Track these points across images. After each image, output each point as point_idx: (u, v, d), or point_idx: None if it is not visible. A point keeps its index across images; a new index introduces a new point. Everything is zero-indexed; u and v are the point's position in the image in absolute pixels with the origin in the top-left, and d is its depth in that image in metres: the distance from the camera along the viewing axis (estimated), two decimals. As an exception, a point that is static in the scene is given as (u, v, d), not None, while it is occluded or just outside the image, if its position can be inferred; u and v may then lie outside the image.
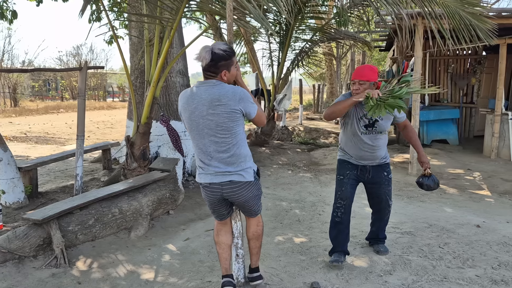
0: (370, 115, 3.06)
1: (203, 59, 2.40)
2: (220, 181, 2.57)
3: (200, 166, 2.63)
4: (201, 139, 2.52)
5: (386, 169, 3.40)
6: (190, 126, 2.53)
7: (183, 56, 6.24)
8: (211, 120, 2.44)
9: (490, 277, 3.11)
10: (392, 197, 3.50)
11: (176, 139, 5.55)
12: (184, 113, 2.53)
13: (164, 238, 4.03)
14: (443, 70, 9.88)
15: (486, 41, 4.05)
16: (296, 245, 3.80)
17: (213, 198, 2.67)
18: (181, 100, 2.57)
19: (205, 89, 2.45)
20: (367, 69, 3.15)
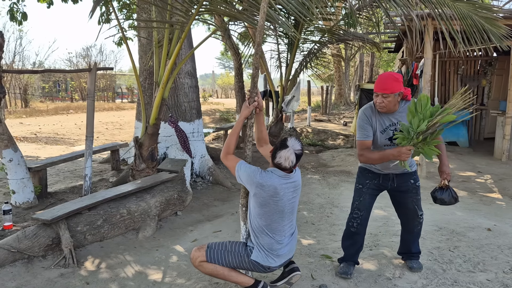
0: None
1: (290, 162, 2.59)
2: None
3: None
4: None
5: (412, 177, 3.12)
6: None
7: (192, 58, 6.25)
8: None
9: (501, 282, 3.07)
10: (421, 208, 3.21)
11: (184, 140, 5.57)
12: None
13: (172, 239, 4.03)
14: (453, 72, 9.79)
15: (498, 44, 3.99)
16: (304, 247, 3.78)
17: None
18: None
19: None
20: (390, 79, 2.82)
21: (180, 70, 5.97)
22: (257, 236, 2.66)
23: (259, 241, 2.65)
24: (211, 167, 6.16)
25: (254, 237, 2.69)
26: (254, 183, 2.58)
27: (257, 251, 2.65)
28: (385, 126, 2.97)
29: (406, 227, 3.29)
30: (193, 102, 6.24)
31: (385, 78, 2.85)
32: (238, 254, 2.68)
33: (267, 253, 2.64)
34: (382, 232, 4.15)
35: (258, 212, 2.62)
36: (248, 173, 2.61)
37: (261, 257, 2.63)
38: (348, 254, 3.26)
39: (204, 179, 6.07)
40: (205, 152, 6.40)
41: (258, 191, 2.57)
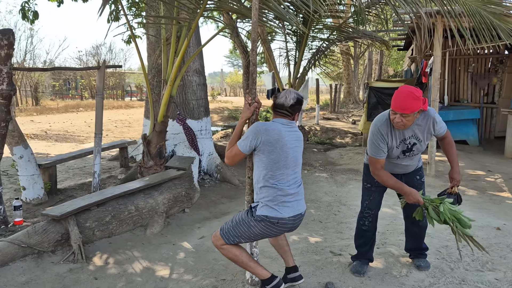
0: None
1: (291, 99, 2.66)
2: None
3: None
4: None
5: (418, 173, 3.17)
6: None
7: (200, 55, 6.27)
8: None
9: (510, 281, 3.04)
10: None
11: (192, 137, 5.58)
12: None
13: (180, 236, 4.06)
14: (463, 70, 9.69)
15: (507, 41, 3.94)
16: (311, 245, 3.78)
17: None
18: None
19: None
20: (410, 98, 2.65)
21: (188, 68, 5.99)
22: (260, 192, 2.62)
23: (262, 195, 2.60)
24: (218, 164, 6.18)
25: (257, 194, 2.66)
26: (260, 132, 2.56)
27: (262, 205, 2.60)
28: (400, 140, 2.92)
29: (413, 221, 3.25)
30: (201, 100, 6.26)
31: (404, 96, 2.68)
32: (245, 221, 2.62)
33: (272, 204, 2.57)
34: (389, 231, 4.13)
35: (264, 163, 2.58)
36: (252, 131, 2.59)
37: (266, 210, 2.57)
38: (362, 252, 3.26)
39: (212, 177, 6.09)
40: (213, 149, 6.42)
41: (264, 137, 2.55)
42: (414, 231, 3.33)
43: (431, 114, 2.88)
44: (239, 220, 2.66)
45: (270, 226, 2.58)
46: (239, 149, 2.62)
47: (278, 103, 2.69)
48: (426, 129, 2.90)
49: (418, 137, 2.90)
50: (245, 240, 2.66)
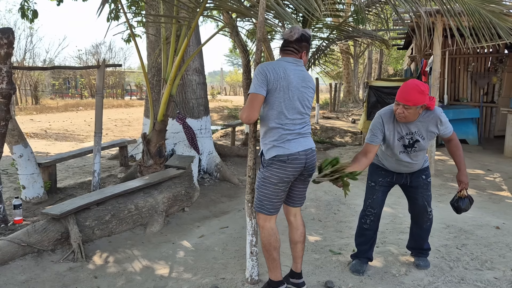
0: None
1: (295, 33, 2.58)
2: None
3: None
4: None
5: (424, 172, 3.13)
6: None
7: (200, 54, 6.27)
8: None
9: (509, 280, 3.05)
10: (431, 205, 3.20)
11: (192, 136, 5.59)
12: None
13: (179, 234, 4.07)
14: (463, 69, 9.70)
15: (507, 39, 3.95)
16: (311, 244, 3.79)
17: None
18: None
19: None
20: (414, 91, 2.70)
21: (188, 67, 5.99)
22: (267, 136, 2.60)
23: (269, 139, 2.58)
24: (218, 163, 6.18)
25: (264, 144, 2.63)
26: (267, 70, 2.51)
27: (268, 148, 2.58)
28: (402, 134, 2.93)
29: (416, 222, 3.28)
30: (201, 99, 6.27)
31: (409, 89, 2.72)
32: (262, 176, 2.62)
33: (277, 143, 2.54)
34: (389, 230, 4.14)
35: (269, 104, 2.54)
36: (258, 71, 2.54)
37: (274, 150, 2.54)
38: (361, 250, 3.26)
39: (212, 176, 6.09)
40: (212, 149, 6.43)
41: (270, 76, 2.49)
42: (415, 232, 3.33)
43: (437, 113, 2.88)
44: (258, 181, 2.67)
45: (283, 165, 2.54)
46: (254, 93, 2.50)
47: (283, 40, 2.64)
48: (429, 127, 2.90)
49: (422, 134, 2.90)
50: (272, 198, 2.63)
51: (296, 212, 2.84)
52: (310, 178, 2.75)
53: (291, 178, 2.61)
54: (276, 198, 2.65)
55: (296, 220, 2.85)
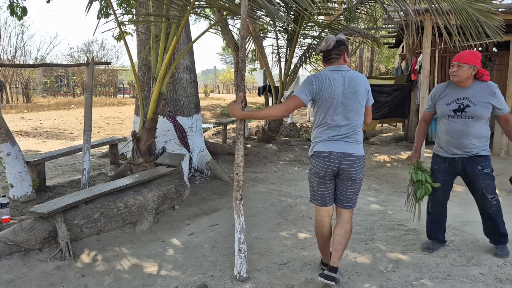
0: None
1: (331, 42, 2.76)
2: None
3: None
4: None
5: (481, 163, 3.22)
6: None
7: (190, 52, 6.26)
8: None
9: (494, 276, 3.08)
10: (493, 192, 3.28)
11: (182, 134, 5.58)
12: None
13: (169, 232, 4.06)
14: (453, 67, 9.75)
15: (494, 38, 3.98)
16: (300, 241, 3.80)
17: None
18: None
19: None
20: (468, 52, 3.11)
21: (179, 65, 5.98)
22: (312, 137, 2.90)
23: (313, 139, 2.88)
24: (209, 161, 6.18)
25: (312, 140, 2.91)
26: (312, 82, 2.75)
27: (312, 146, 2.88)
28: (452, 99, 3.19)
29: (480, 208, 3.42)
30: (192, 97, 6.25)
31: (464, 52, 3.12)
32: (309, 172, 2.95)
33: (317, 140, 2.83)
34: (378, 227, 4.17)
35: (315, 111, 2.84)
36: (305, 82, 2.79)
37: (314, 147, 2.85)
38: (431, 233, 3.57)
39: (203, 174, 6.09)
40: (203, 146, 6.42)
41: (315, 86, 2.74)
42: (484, 218, 3.45)
43: (492, 85, 3.14)
44: (308, 175, 2.98)
45: (316, 161, 2.81)
46: (295, 95, 2.76)
47: (323, 52, 2.83)
48: (483, 96, 3.11)
49: (472, 100, 3.12)
50: (316, 189, 2.91)
51: (342, 211, 2.95)
52: (351, 182, 2.84)
53: (325, 175, 2.82)
54: (319, 190, 2.89)
55: (341, 216, 2.96)
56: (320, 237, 3.01)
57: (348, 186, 2.85)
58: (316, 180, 2.87)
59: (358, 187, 2.89)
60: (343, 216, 2.94)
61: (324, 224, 2.95)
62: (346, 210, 2.93)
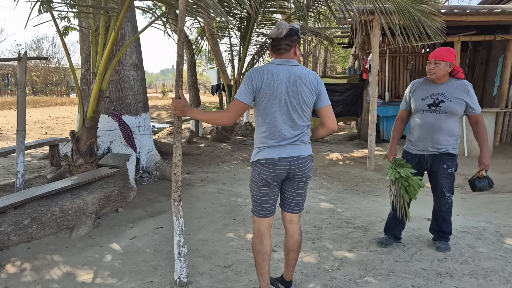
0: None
1: (283, 29, 2.44)
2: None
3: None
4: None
5: (446, 163, 3.26)
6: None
7: (137, 49, 6.01)
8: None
9: (435, 270, 3.11)
10: (451, 191, 3.34)
11: (128, 134, 5.35)
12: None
13: (109, 237, 3.84)
14: (402, 67, 10.04)
15: (435, 38, 4.06)
16: (247, 242, 3.70)
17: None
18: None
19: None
20: (444, 50, 3.15)
21: (125, 61, 5.73)
22: (255, 142, 2.57)
23: (257, 142, 2.55)
24: (158, 162, 5.96)
25: (255, 145, 2.57)
26: (253, 78, 2.43)
27: (255, 153, 2.54)
28: (428, 94, 3.23)
29: (436, 205, 3.48)
30: (139, 95, 6.01)
31: (439, 49, 3.18)
32: (250, 178, 2.61)
33: (262, 146, 2.50)
34: (326, 225, 4.14)
35: (257, 110, 2.50)
36: (245, 79, 2.47)
37: (257, 154, 2.51)
38: (388, 228, 3.59)
39: (151, 174, 5.87)
40: (152, 146, 6.19)
41: (255, 83, 2.42)
42: (437, 214, 3.50)
43: (466, 84, 3.19)
44: (250, 180, 2.65)
45: (262, 169, 2.49)
46: (236, 99, 2.45)
47: (273, 39, 2.49)
48: (457, 93, 3.15)
49: (447, 96, 3.16)
50: (259, 199, 2.58)
51: (292, 218, 2.70)
52: (302, 184, 2.61)
53: (272, 183, 2.53)
54: (262, 199, 2.58)
55: (291, 227, 2.71)
56: (259, 254, 2.60)
57: (297, 187, 2.61)
58: (261, 189, 2.54)
59: (306, 188, 2.68)
60: (294, 226, 2.70)
61: (265, 237, 2.61)
62: (295, 215, 2.69)
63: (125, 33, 5.66)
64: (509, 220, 4.34)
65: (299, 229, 2.74)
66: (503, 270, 3.11)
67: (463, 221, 4.23)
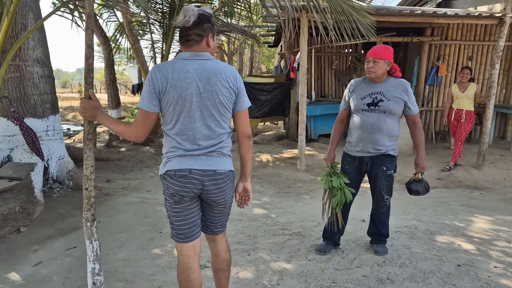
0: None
1: (191, 16, 2.01)
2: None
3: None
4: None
5: (386, 165, 3.16)
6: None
7: (43, 42, 5.27)
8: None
9: (376, 276, 2.99)
10: (389, 193, 3.25)
11: (33, 139, 4.65)
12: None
13: (7, 264, 3.21)
14: (327, 67, 10.18)
15: (366, 35, 4.00)
16: (175, 259, 3.30)
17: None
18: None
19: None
20: (382, 48, 3.06)
21: (27, 56, 4.98)
22: (164, 148, 2.15)
23: (165, 151, 2.14)
24: (71, 170, 5.29)
25: (163, 154, 2.16)
26: (154, 79, 2.00)
27: (163, 164, 2.13)
28: (367, 93, 3.11)
29: (375, 207, 3.37)
30: (46, 95, 5.28)
31: (378, 47, 3.09)
32: (164, 196, 2.19)
33: (171, 155, 2.09)
34: (261, 233, 3.87)
35: (165, 114, 2.07)
36: (147, 80, 2.04)
37: (166, 165, 2.10)
38: (327, 234, 3.42)
39: (63, 185, 5.18)
40: (64, 153, 5.48)
41: (158, 85, 1.99)
42: (375, 217, 3.39)
43: (405, 83, 3.11)
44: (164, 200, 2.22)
45: (171, 182, 2.08)
46: (141, 109, 2.03)
47: (180, 29, 2.06)
48: (396, 92, 3.06)
49: (386, 95, 3.06)
50: (174, 219, 2.16)
51: (215, 238, 2.34)
52: (222, 208, 2.22)
53: (184, 198, 2.11)
54: (178, 220, 2.15)
55: (215, 246, 2.36)
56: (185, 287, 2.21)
57: (217, 210, 2.22)
58: (174, 208, 2.13)
59: (229, 208, 2.29)
60: (220, 244, 2.35)
61: (190, 268, 2.18)
62: (219, 235, 2.33)
63: (27, 24, 4.92)
64: (436, 217, 4.42)
65: (226, 246, 2.39)
66: (439, 271, 3.08)
67: (395, 220, 4.21)
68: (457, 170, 6.53)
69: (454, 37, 8.40)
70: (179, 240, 2.18)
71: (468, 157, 7.03)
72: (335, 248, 3.44)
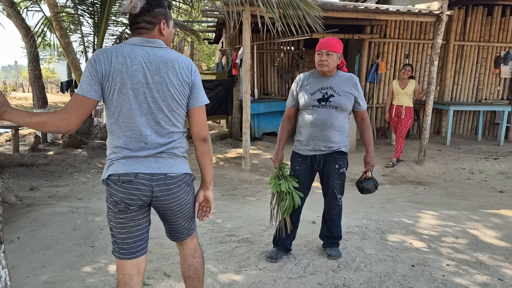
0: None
1: (138, 1, 1.74)
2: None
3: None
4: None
5: (338, 162, 3.01)
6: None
7: None
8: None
9: (332, 283, 2.81)
10: (342, 192, 3.11)
11: None
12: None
13: None
14: (270, 64, 10.04)
15: (314, 26, 3.82)
16: (110, 278, 2.90)
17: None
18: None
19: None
20: (335, 40, 2.90)
21: None
22: (107, 153, 1.87)
23: (109, 152, 1.85)
24: (-14, 178, 4.63)
25: (107, 156, 1.88)
26: (96, 62, 1.72)
27: (106, 166, 1.86)
28: (316, 89, 2.94)
29: (327, 208, 3.22)
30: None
31: (330, 39, 2.91)
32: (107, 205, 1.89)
33: (115, 156, 1.82)
34: (207, 241, 3.57)
35: (107, 108, 1.79)
36: (87, 63, 1.75)
37: (113, 167, 1.81)
38: (278, 240, 3.21)
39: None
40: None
41: (102, 69, 1.72)
42: (327, 218, 3.24)
43: (354, 77, 2.99)
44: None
45: (114, 188, 1.80)
46: (81, 96, 1.71)
47: (128, 16, 1.80)
48: (346, 86, 2.92)
49: (336, 90, 2.91)
50: (116, 230, 1.87)
51: (183, 243, 2.10)
52: (179, 213, 1.95)
53: (130, 207, 1.83)
54: (121, 232, 1.86)
55: (182, 249, 2.12)
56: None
57: (175, 218, 1.96)
58: (118, 218, 1.85)
59: (191, 211, 2.02)
60: (186, 248, 2.10)
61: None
62: (185, 240, 2.09)
63: None
64: (385, 215, 4.38)
65: (193, 251, 2.12)
66: (395, 273, 2.97)
67: (346, 220, 4.09)
68: (400, 166, 6.64)
69: (392, 35, 8.60)
70: (121, 256, 1.89)
71: (408, 152, 7.18)
72: (287, 254, 3.23)
